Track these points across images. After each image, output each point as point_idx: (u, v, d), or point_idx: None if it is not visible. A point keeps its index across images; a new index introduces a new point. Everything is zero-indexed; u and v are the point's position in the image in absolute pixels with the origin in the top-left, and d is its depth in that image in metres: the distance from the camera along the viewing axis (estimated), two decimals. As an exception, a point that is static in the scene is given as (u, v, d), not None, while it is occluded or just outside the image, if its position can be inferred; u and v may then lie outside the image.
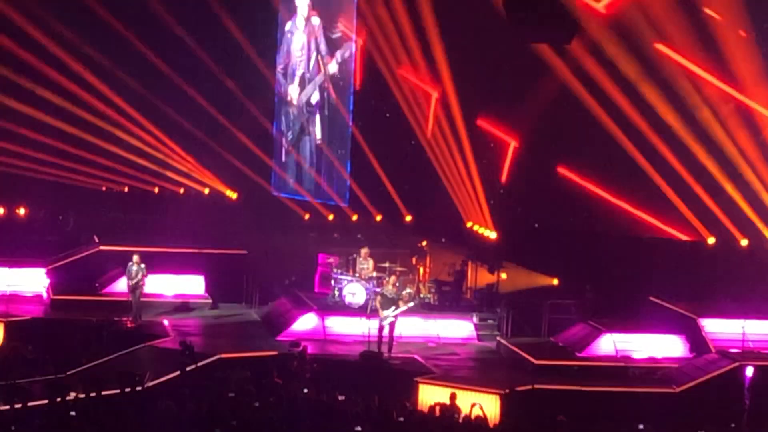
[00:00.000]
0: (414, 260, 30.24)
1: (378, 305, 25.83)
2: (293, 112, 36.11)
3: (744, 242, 28.33)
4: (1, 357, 23.06)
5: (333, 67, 34.52)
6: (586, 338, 26.24)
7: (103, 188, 36.69)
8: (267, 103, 36.31)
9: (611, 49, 27.50)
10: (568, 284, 29.66)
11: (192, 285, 30.36)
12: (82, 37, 33.44)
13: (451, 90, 31.13)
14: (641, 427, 19.67)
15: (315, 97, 35.35)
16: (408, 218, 33.27)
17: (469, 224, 32.23)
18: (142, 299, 27.82)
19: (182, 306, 29.51)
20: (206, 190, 37.16)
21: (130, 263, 27.63)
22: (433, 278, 30.17)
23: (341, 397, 19.85)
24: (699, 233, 28.70)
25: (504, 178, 31.16)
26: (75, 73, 33.89)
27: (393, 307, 25.70)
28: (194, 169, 36.52)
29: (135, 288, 27.55)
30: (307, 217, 35.48)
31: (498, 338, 27.52)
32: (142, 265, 27.62)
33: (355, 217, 34.31)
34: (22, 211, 35.62)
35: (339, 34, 34.31)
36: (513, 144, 30.71)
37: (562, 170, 29.91)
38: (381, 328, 25.78)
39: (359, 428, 17.16)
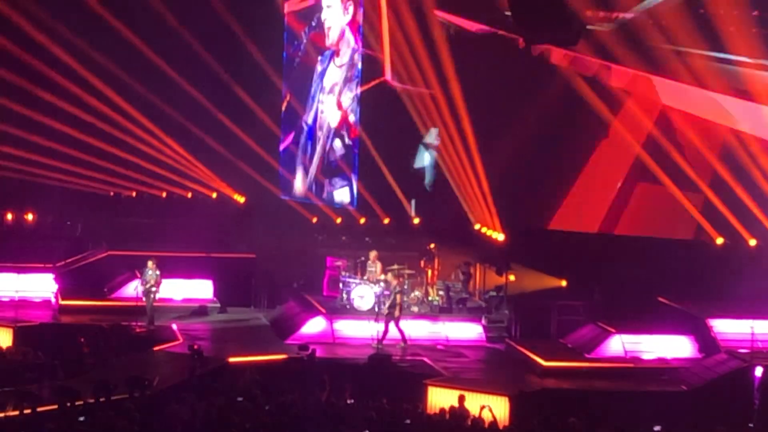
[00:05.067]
0: (422, 263, 30.21)
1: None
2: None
3: (752, 242, 28.30)
4: (10, 362, 23.08)
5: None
6: (595, 339, 26.20)
7: (111, 193, 36.71)
8: (274, 108, 36.28)
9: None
10: (576, 285, 29.60)
11: (200, 289, 30.35)
12: (90, 43, 33.45)
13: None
14: (657, 428, 19.63)
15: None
16: (416, 221, 33.25)
17: (477, 226, 32.20)
18: (154, 304, 27.84)
19: (199, 310, 29.58)
20: (214, 194, 37.16)
21: (146, 268, 27.68)
22: (442, 280, 30.17)
23: (351, 401, 19.84)
24: (707, 233, 28.67)
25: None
26: (83, 79, 33.90)
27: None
28: (202, 173, 36.52)
29: (148, 292, 27.59)
30: (314, 220, 35.47)
31: (507, 340, 27.49)
32: (157, 271, 27.65)
33: (362, 221, 34.28)
34: (30, 217, 35.65)
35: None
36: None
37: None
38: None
39: (368, 432, 17.16)
